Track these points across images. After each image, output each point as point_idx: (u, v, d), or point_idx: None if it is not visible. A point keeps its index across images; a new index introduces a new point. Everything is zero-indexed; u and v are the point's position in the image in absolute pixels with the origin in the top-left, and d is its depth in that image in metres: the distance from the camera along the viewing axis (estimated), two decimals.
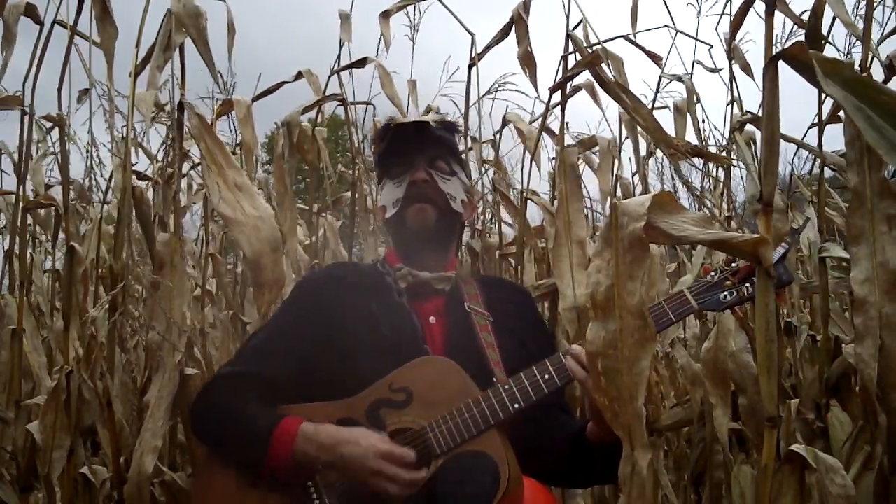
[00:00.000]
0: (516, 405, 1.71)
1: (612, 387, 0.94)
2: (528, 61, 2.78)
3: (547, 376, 1.73)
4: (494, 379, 1.78)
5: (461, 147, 3.24)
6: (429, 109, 3.42)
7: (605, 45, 2.43)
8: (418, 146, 2.05)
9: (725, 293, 1.72)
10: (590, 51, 2.34)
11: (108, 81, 2.36)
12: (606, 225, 0.99)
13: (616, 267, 0.94)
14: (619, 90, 1.95)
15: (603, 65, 2.16)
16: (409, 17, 3.31)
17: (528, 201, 2.78)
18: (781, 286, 1.66)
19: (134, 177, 2.55)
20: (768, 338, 1.05)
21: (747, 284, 1.71)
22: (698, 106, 3.06)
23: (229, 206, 1.97)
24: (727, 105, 2.93)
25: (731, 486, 2.46)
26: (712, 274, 1.76)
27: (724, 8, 2.85)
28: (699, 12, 2.97)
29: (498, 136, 3.47)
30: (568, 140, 3.10)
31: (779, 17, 2.18)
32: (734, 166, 2.99)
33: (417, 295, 1.95)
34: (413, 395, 1.74)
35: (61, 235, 3.00)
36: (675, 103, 3.12)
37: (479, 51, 2.97)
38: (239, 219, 1.97)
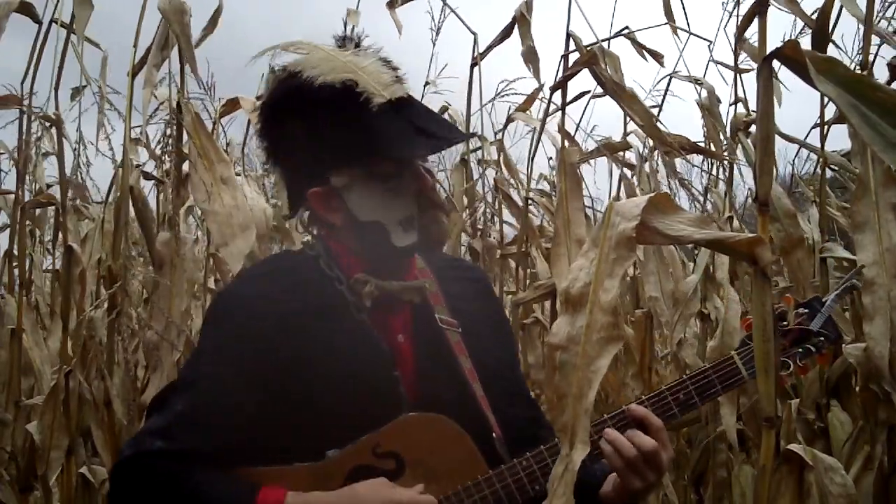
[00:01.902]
0: (536, 486, 1.42)
1: (564, 382, 0.92)
2: (531, 58, 2.78)
3: None
4: (477, 403, 1.47)
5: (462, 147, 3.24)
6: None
7: (603, 43, 2.42)
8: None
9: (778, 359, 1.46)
10: (587, 50, 2.33)
11: (84, 69, 2.35)
12: (598, 225, 0.98)
13: (598, 264, 0.93)
14: (614, 88, 1.95)
15: (602, 63, 2.16)
16: (432, 18, 3.29)
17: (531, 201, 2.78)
18: (828, 344, 1.50)
19: (140, 176, 2.55)
20: (765, 338, 1.04)
21: (799, 349, 1.50)
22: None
23: (208, 200, 1.98)
24: (730, 105, 2.93)
25: (732, 485, 2.45)
26: None
27: (735, 9, 2.84)
28: (726, 15, 2.95)
29: (502, 134, 3.47)
30: (591, 143, 3.11)
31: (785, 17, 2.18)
32: (738, 164, 2.99)
33: (381, 308, 1.48)
34: (405, 464, 1.42)
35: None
36: (701, 103, 3.11)
37: (480, 50, 2.97)
38: (214, 210, 1.98)
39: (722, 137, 2.98)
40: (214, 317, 1.52)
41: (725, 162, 3.05)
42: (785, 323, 1.50)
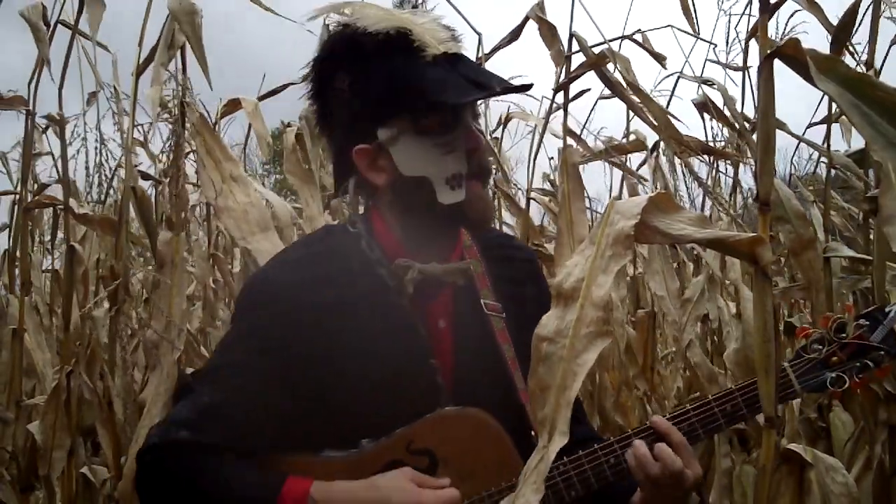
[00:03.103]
0: (573, 493, 1.37)
1: (548, 374, 0.91)
2: (559, 60, 2.75)
3: (613, 460, 1.38)
4: (517, 396, 1.42)
5: None
6: None
7: (609, 44, 2.42)
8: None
9: (833, 374, 1.41)
10: (594, 51, 2.33)
11: (113, 80, 2.37)
12: (597, 224, 0.98)
13: (593, 260, 0.93)
14: (628, 88, 1.94)
15: (609, 65, 2.16)
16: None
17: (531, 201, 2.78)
18: (889, 359, 1.42)
19: (138, 176, 2.56)
20: (766, 338, 1.04)
21: (857, 363, 1.41)
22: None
23: (221, 197, 1.98)
24: (734, 105, 2.93)
25: (733, 485, 2.45)
26: (816, 346, 1.43)
27: (746, 8, 2.84)
28: (694, 10, 2.95)
29: (501, 133, 3.47)
30: (599, 144, 3.11)
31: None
32: (745, 164, 2.98)
33: (422, 291, 1.42)
34: (438, 461, 1.37)
35: (59, 235, 3.00)
36: (695, 101, 3.10)
37: (486, 51, 2.96)
38: (229, 206, 1.98)
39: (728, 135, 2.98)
40: (247, 303, 1.46)
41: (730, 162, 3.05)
42: (843, 335, 1.42)
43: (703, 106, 3.09)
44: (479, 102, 1.48)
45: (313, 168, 2.75)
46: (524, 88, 1.41)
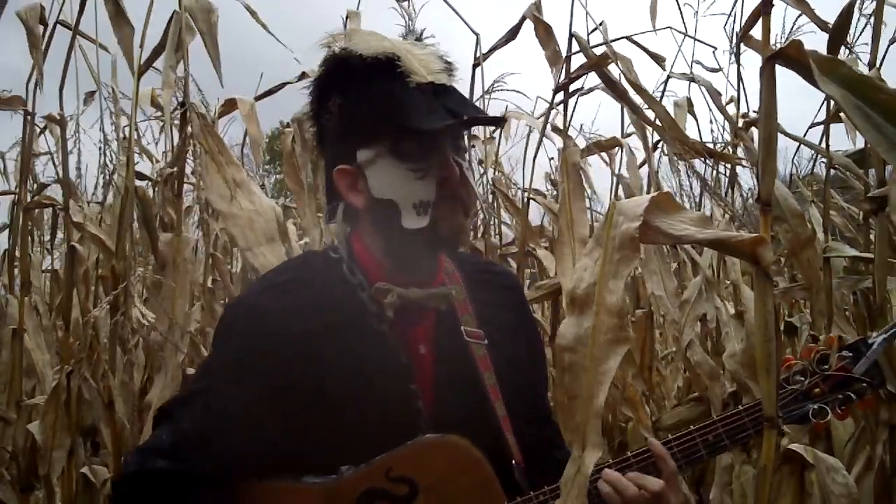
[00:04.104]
0: None
1: (574, 384, 0.92)
2: (555, 61, 2.76)
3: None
4: (497, 425, 1.41)
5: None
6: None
7: (610, 45, 2.42)
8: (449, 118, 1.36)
9: (815, 406, 1.39)
10: (595, 52, 2.34)
11: (112, 82, 2.37)
12: (602, 224, 0.98)
13: (602, 265, 0.93)
14: (630, 89, 1.94)
15: (612, 65, 2.17)
16: (403, 17, 3.29)
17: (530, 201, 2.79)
18: (871, 391, 1.40)
19: (135, 177, 2.56)
20: (767, 337, 1.04)
21: (839, 395, 1.39)
22: (703, 104, 3.07)
23: (225, 202, 1.97)
24: (730, 104, 2.94)
25: (733, 485, 2.46)
26: (798, 377, 1.42)
27: (733, 7, 2.85)
28: (696, 12, 2.96)
29: (499, 133, 3.47)
30: (581, 141, 3.12)
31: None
32: (743, 166, 2.99)
33: (403, 316, 1.41)
34: (419, 489, 1.36)
35: (59, 235, 3.00)
36: (676, 101, 3.13)
37: (483, 51, 2.97)
38: (234, 213, 1.97)
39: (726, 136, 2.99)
40: (229, 329, 1.43)
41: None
42: (826, 367, 1.40)
43: (689, 106, 3.12)
44: (466, 134, 1.44)
45: (305, 174, 2.76)
46: (497, 121, 1.41)
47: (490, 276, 1.61)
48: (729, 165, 3.07)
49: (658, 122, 1.86)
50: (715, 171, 3.27)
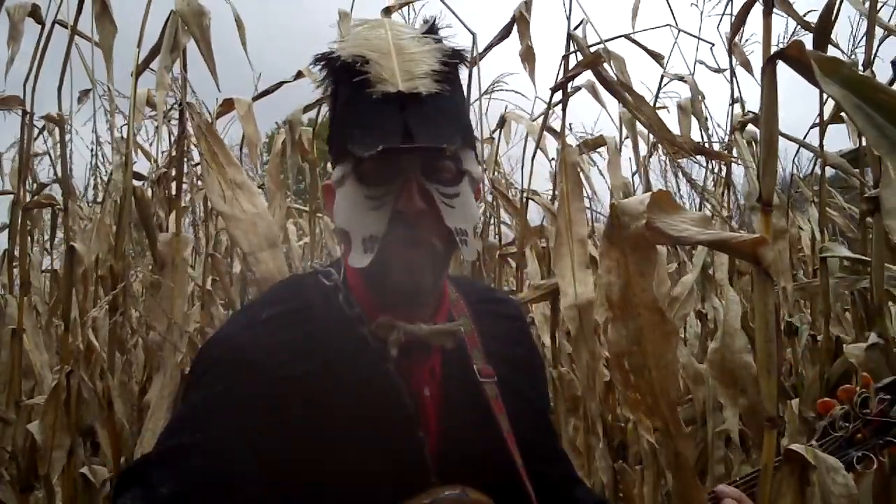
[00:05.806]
0: None
1: (642, 382, 0.95)
2: (528, 57, 2.78)
3: None
4: (516, 475, 1.25)
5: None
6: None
7: (606, 44, 2.43)
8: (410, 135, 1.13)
9: (858, 452, 1.33)
10: (591, 51, 2.34)
11: (108, 81, 2.36)
12: (608, 224, 0.99)
13: (626, 266, 0.94)
14: (621, 89, 1.95)
15: (605, 64, 2.17)
16: (403, 18, 3.29)
17: (529, 201, 2.79)
18: None
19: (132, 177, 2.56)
20: (767, 338, 1.04)
21: (880, 440, 1.33)
22: (703, 105, 3.08)
23: (227, 204, 1.96)
24: (729, 105, 2.94)
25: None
26: (842, 423, 1.34)
27: (726, 8, 2.85)
28: (702, 12, 2.97)
29: (498, 133, 3.48)
30: (571, 140, 3.12)
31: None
32: (738, 164, 2.99)
33: (407, 354, 1.22)
34: None
35: (59, 235, 3.00)
36: (679, 102, 3.14)
37: (480, 50, 2.97)
38: (237, 215, 1.95)
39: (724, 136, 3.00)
40: (204, 371, 1.20)
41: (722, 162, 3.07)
42: (867, 410, 1.33)
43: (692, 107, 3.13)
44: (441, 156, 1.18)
45: (289, 176, 2.78)
46: (436, 151, 1.13)
47: (493, 306, 1.43)
48: (724, 165, 3.09)
49: (647, 122, 1.87)
50: (709, 171, 3.28)
